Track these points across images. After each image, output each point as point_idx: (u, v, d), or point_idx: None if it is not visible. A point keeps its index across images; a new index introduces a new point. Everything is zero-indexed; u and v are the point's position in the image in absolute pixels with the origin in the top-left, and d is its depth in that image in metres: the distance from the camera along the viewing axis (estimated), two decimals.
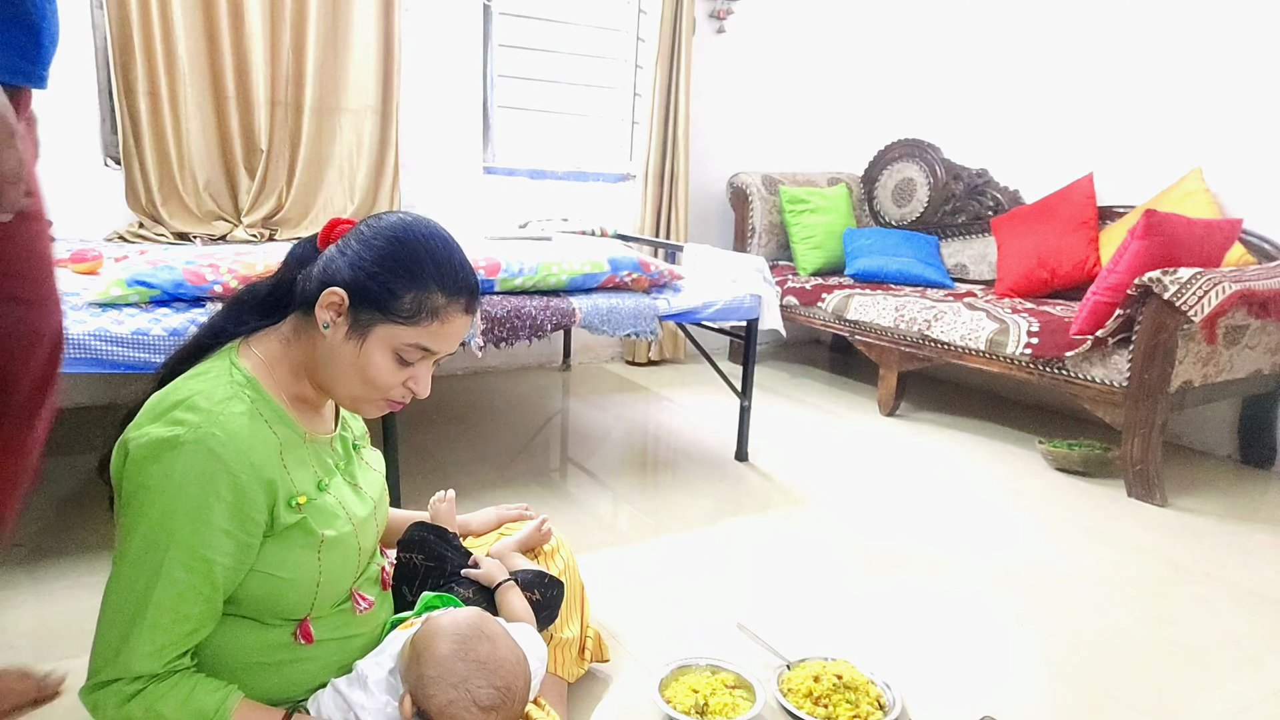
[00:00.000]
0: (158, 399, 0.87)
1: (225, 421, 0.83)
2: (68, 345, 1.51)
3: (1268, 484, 2.57)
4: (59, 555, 1.68)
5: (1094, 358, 2.37)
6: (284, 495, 0.88)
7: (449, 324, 0.93)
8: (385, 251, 0.90)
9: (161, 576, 0.81)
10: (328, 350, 0.91)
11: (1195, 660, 1.52)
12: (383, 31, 3.00)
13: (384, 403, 0.96)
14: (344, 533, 0.95)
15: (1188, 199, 2.76)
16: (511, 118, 3.51)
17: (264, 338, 0.95)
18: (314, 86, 2.91)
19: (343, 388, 0.94)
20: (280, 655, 0.94)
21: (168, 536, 0.81)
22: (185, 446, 0.81)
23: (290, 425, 0.93)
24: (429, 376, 0.96)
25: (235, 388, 0.88)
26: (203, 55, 2.74)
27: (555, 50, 3.50)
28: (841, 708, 1.26)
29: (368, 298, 0.89)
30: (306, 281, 0.93)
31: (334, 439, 1.01)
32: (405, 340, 0.91)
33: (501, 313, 1.96)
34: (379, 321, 0.90)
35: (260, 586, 0.89)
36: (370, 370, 0.91)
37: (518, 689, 0.94)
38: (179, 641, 0.84)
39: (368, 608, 1.02)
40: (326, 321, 0.90)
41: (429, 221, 0.95)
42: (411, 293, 0.90)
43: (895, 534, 2.02)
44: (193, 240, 2.70)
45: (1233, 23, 2.75)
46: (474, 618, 0.98)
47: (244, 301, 0.97)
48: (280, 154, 2.90)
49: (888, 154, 3.90)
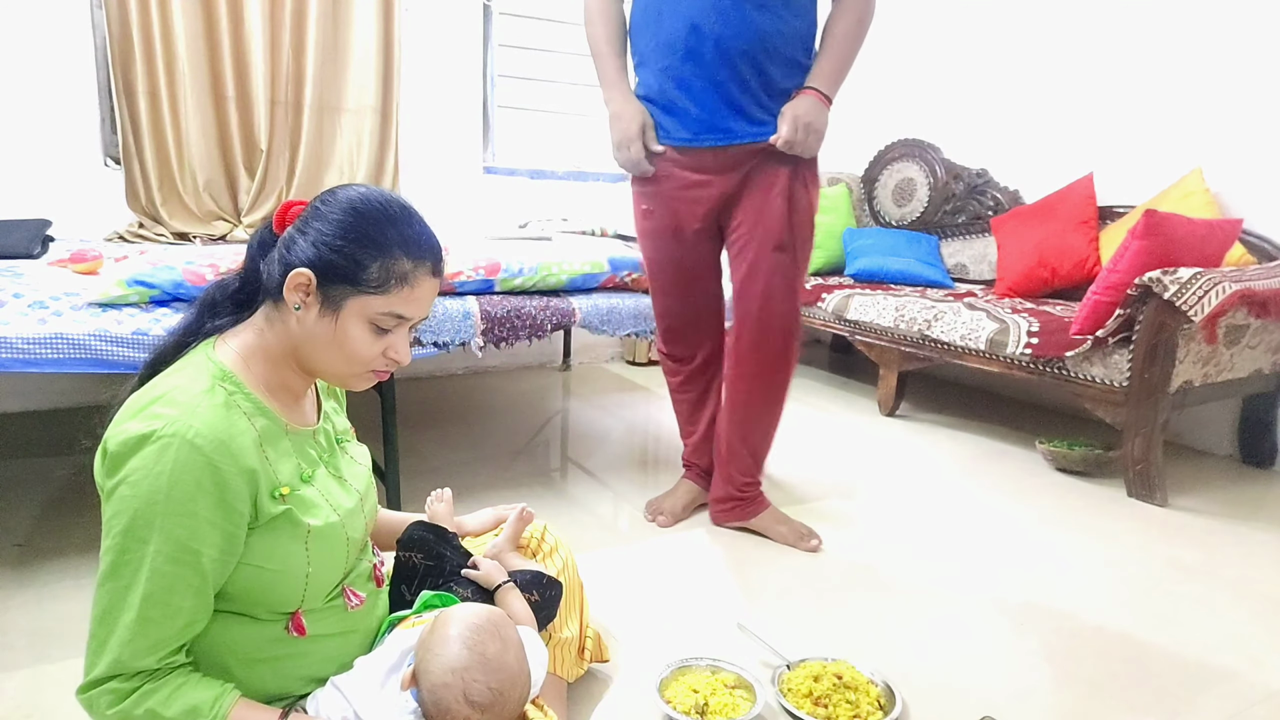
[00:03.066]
0: (135, 398, 0.87)
1: (203, 413, 0.83)
2: (68, 345, 1.52)
3: (1268, 484, 2.57)
4: (57, 555, 1.68)
5: (1094, 357, 2.37)
6: (266, 486, 0.88)
7: (419, 287, 0.93)
8: (346, 224, 0.90)
9: (149, 570, 0.80)
10: (304, 332, 0.91)
11: (1195, 660, 1.52)
12: (383, 31, 3.01)
13: (370, 374, 0.97)
14: (330, 523, 0.95)
15: (1188, 199, 2.76)
16: (511, 118, 3.51)
17: (239, 331, 0.95)
18: (314, 86, 2.91)
19: (326, 365, 0.94)
20: (275, 650, 0.94)
21: (151, 530, 0.80)
22: (163, 440, 0.80)
23: (270, 416, 0.92)
24: (407, 343, 0.97)
25: (212, 381, 0.88)
26: (203, 55, 2.74)
27: (555, 50, 3.50)
28: (841, 708, 1.25)
29: (335, 273, 0.89)
30: (270, 267, 0.92)
31: (316, 431, 1.01)
32: (378, 310, 0.91)
33: (501, 313, 1.96)
34: (350, 295, 0.90)
35: (249, 579, 0.89)
36: (349, 344, 0.92)
37: (510, 698, 0.93)
38: (173, 636, 0.83)
39: (359, 604, 1.02)
40: (297, 303, 0.90)
41: (383, 191, 0.95)
42: (378, 261, 0.90)
43: (895, 534, 2.02)
44: (193, 240, 2.70)
45: (1233, 23, 2.75)
46: (496, 616, 0.98)
47: (214, 298, 0.97)
48: (280, 154, 2.90)
49: (888, 154, 3.90)
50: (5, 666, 1.31)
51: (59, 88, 2.60)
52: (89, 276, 1.88)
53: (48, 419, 2.59)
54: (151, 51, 2.63)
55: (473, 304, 1.96)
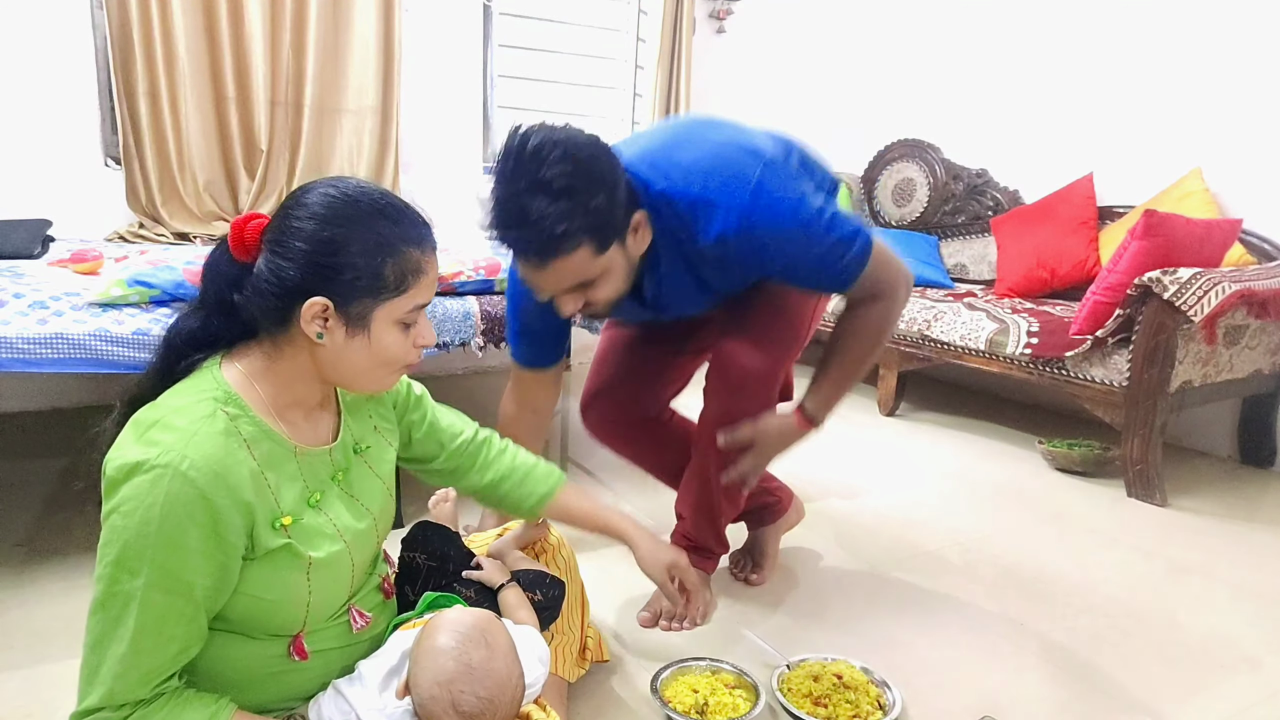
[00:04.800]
0: (138, 417, 0.84)
1: (199, 442, 0.80)
2: (68, 345, 1.52)
3: (1268, 484, 2.57)
4: (57, 555, 1.68)
5: (1094, 358, 2.37)
6: (265, 517, 0.85)
7: (430, 270, 0.92)
8: (345, 237, 0.85)
9: (139, 601, 0.78)
10: (332, 355, 0.88)
11: (1195, 660, 1.52)
12: (383, 31, 3.01)
13: (403, 369, 0.96)
14: (334, 552, 0.92)
15: (1187, 199, 2.76)
16: (511, 118, 3.50)
17: (246, 352, 0.90)
18: (314, 86, 2.91)
19: (362, 379, 0.93)
20: (276, 666, 0.92)
21: (142, 563, 0.78)
22: (156, 470, 0.78)
23: (276, 440, 0.89)
24: (429, 325, 0.95)
25: (214, 406, 0.84)
26: (203, 55, 2.74)
27: (555, 50, 3.50)
28: (841, 708, 1.25)
29: (352, 291, 0.86)
30: (258, 299, 0.86)
31: (333, 449, 0.97)
32: (404, 309, 0.90)
33: (501, 313, 1.96)
34: (373, 307, 0.87)
35: (247, 607, 0.87)
36: (386, 352, 0.90)
37: (501, 704, 0.91)
38: (165, 665, 0.81)
39: (364, 625, 1.00)
40: (319, 332, 0.86)
41: (349, 182, 0.89)
42: (389, 264, 0.87)
43: (895, 534, 2.02)
44: (193, 240, 2.70)
45: (1233, 23, 2.75)
46: (481, 621, 0.96)
47: (173, 344, 0.90)
48: (280, 154, 2.90)
49: (888, 154, 3.90)
50: (5, 666, 1.31)
51: (59, 88, 2.60)
52: (89, 276, 1.88)
53: (48, 419, 2.59)
54: (152, 52, 2.63)
55: (473, 304, 1.96)
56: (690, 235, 1.30)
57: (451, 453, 1.16)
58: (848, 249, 1.29)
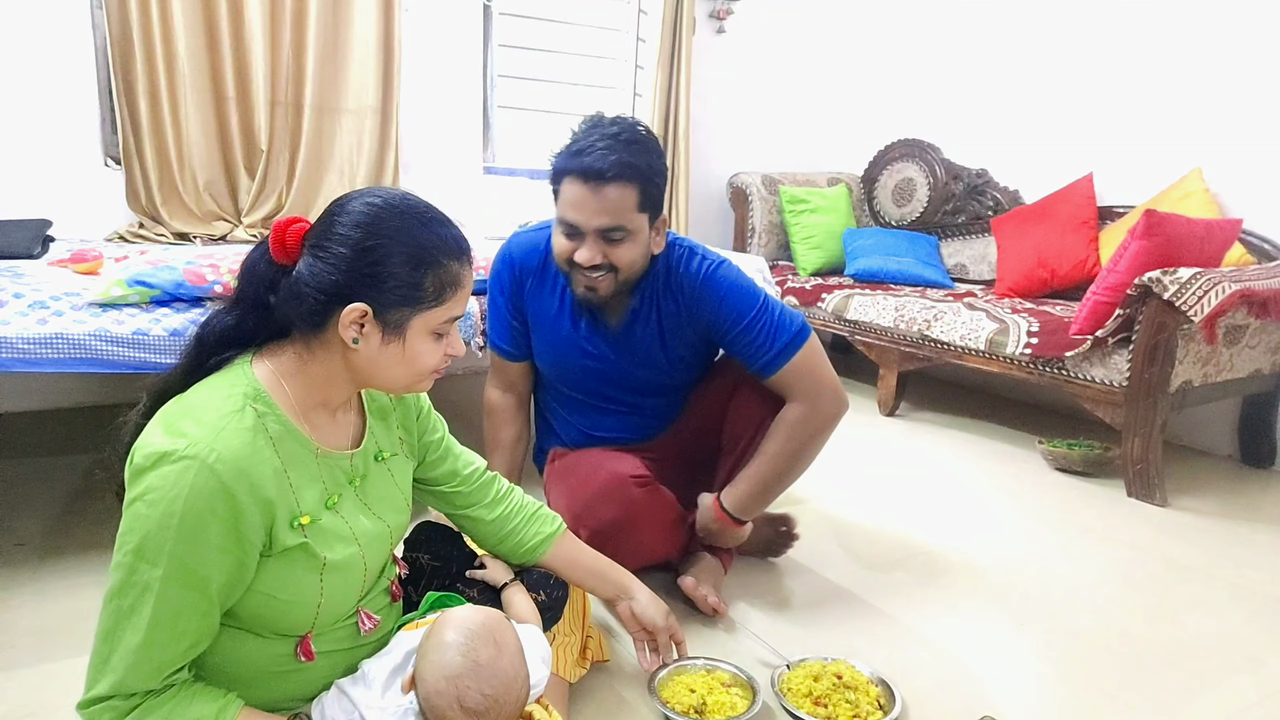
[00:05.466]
0: (168, 408, 0.86)
1: (227, 436, 0.82)
2: (68, 345, 1.52)
3: (1268, 484, 2.57)
4: (60, 555, 1.68)
5: (1094, 358, 2.37)
6: (285, 516, 0.86)
7: (466, 283, 0.94)
8: (389, 246, 0.87)
9: (156, 593, 0.79)
10: (365, 360, 0.90)
11: (1195, 660, 1.52)
12: (383, 31, 3.00)
13: (433, 375, 0.97)
14: (348, 554, 0.93)
15: (1188, 199, 2.76)
16: (511, 118, 3.50)
17: (278, 351, 0.92)
18: (314, 86, 2.91)
19: (392, 382, 0.94)
20: (283, 665, 0.93)
21: (161, 554, 0.78)
22: (183, 461, 0.79)
23: (300, 441, 0.90)
24: (459, 336, 0.98)
25: (244, 401, 0.86)
26: (203, 55, 2.74)
27: (555, 50, 3.50)
28: (841, 708, 1.25)
29: (392, 299, 0.88)
30: (296, 301, 0.87)
31: (352, 455, 0.98)
32: (440, 320, 0.92)
33: None
34: (411, 316, 0.90)
35: (259, 605, 0.88)
36: (418, 361, 0.92)
37: (506, 702, 0.92)
38: (176, 658, 0.82)
39: (372, 628, 1.01)
40: (355, 338, 0.88)
41: (394, 193, 0.91)
42: (429, 275, 0.89)
43: (895, 534, 2.02)
44: (193, 240, 2.70)
45: (1232, 22, 2.75)
46: (491, 620, 0.97)
47: (206, 341, 0.91)
48: (280, 154, 2.90)
49: (888, 154, 3.90)
50: (7, 666, 1.31)
51: (59, 88, 2.60)
52: (89, 276, 1.88)
53: (48, 419, 2.59)
54: (152, 51, 2.62)
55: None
56: (669, 266, 1.54)
57: (464, 478, 1.17)
58: (786, 331, 1.50)
